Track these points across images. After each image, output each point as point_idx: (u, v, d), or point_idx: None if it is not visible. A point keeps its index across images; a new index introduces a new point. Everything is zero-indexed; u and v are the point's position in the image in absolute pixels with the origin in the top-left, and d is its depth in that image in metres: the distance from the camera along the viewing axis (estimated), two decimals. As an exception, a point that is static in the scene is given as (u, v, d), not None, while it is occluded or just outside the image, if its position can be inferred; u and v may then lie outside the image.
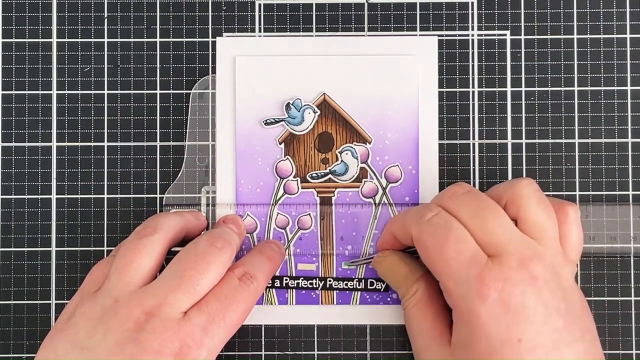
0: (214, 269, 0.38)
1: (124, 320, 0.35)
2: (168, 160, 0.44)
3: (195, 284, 0.37)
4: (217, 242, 0.39)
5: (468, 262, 0.35)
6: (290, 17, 0.44)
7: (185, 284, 0.37)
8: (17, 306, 0.44)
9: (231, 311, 0.37)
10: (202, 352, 0.36)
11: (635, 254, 0.43)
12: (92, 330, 0.36)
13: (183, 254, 0.38)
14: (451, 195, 0.37)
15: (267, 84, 0.44)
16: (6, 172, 0.44)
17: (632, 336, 0.43)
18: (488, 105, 0.44)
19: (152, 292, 0.37)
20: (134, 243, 0.38)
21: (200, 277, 0.37)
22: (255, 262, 0.40)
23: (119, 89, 0.44)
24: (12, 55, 0.44)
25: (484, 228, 0.36)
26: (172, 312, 0.36)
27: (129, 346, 0.35)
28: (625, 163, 0.44)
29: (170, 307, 0.36)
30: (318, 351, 0.43)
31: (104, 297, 0.37)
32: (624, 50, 0.44)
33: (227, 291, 0.38)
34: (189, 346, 0.36)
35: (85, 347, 0.35)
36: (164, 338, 0.35)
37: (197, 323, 0.36)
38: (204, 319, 0.36)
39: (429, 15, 0.44)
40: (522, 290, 0.34)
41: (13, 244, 0.44)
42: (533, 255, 0.35)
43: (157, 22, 0.45)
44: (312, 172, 0.43)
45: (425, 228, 0.37)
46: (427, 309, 0.39)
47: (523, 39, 0.44)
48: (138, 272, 0.37)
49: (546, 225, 0.36)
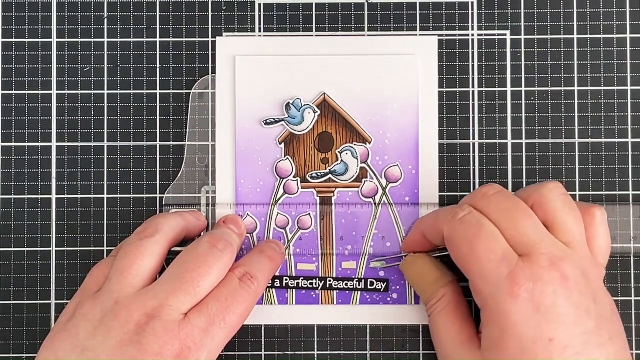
0: (214, 271, 0.38)
1: (124, 322, 0.35)
2: (168, 160, 0.44)
3: (195, 286, 0.37)
4: (218, 244, 0.39)
5: (499, 260, 0.35)
6: (290, 17, 0.44)
7: (185, 286, 0.37)
8: (17, 306, 0.44)
9: (231, 312, 0.37)
10: (203, 353, 0.36)
11: (635, 254, 0.43)
12: (92, 332, 0.36)
13: (184, 256, 0.38)
14: (482, 196, 0.37)
15: (267, 84, 0.44)
16: (6, 172, 0.44)
17: (632, 336, 0.43)
18: (488, 105, 0.44)
19: (152, 294, 0.37)
20: (135, 245, 0.38)
21: (201, 279, 0.37)
22: (256, 263, 0.40)
23: (119, 89, 0.44)
24: (12, 55, 0.44)
25: (515, 228, 0.36)
26: (172, 314, 0.36)
27: (129, 348, 0.35)
28: (625, 163, 0.44)
29: (170, 309, 0.36)
30: (318, 351, 0.43)
31: (104, 298, 0.37)
32: (624, 50, 0.44)
33: (227, 292, 0.38)
34: (189, 348, 0.36)
35: (85, 349, 0.35)
36: (164, 340, 0.35)
37: (198, 325, 0.36)
38: (204, 321, 0.36)
39: (429, 15, 0.44)
40: (554, 290, 0.34)
41: (13, 244, 0.44)
42: (564, 256, 0.35)
43: (157, 22, 0.45)
44: (312, 172, 0.43)
45: (457, 226, 0.37)
46: (454, 314, 0.39)
47: (523, 38, 0.44)
48: (139, 273, 0.37)
49: (573, 229, 0.36)
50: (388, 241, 0.43)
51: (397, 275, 0.43)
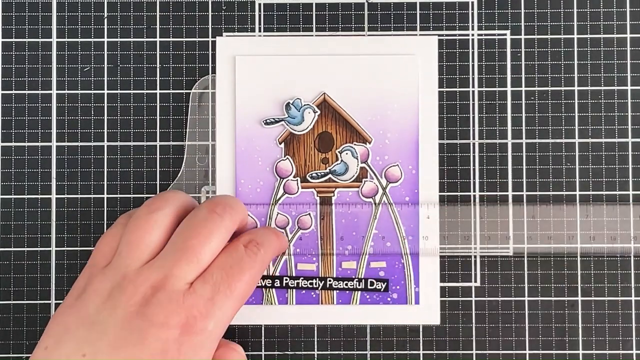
0: (215, 236, 0.37)
1: (131, 296, 0.35)
2: (168, 160, 0.44)
3: (198, 253, 0.36)
4: (217, 208, 0.38)
5: None
6: (290, 17, 0.44)
7: (188, 255, 0.36)
8: (17, 306, 0.44)
9: (237, 280, 0.37)
10: (210, 322, 0.36)
11: (635, 254, 0.43)
12: (101, 306, 0.36)
13: (184, 225, 0.38)
14: None
15: (267, 84, 0.44)
16: (6, 172, 0.44)
17: (632, 336, 0.43)
18: (488, 105, 0.44)
19: (157, 264, 0.36)
20: (145, 218, 0.38)
21: (203, 246, 0.37)
22: (262, 234, 0.40)
23: (119, 89, 0.44)
24: (12, 55, 0.44)
25: None
26: (177, 283, 0.36)
27: (136, 320, 0.35)
28: (625, 163, 0.44)
29: (175, 279, 0.36)
30: (318, 351, 0.43)
31: (113, 273, 0.37)
32: (624, 50, 0.44)
33: (232, 260, 0.37)
34: (195, 317, 0.35)
35: (94, 322, 0.35)
36: (169, 310, 0.35)
37: (202, 294, 0.36)
38: (209, 290, 0.36)
39: (429, 15, 0.44)
40: None
41: (13, 244, 0.44)
42: None
43: (157, 22, 0.45)
44: (312, 172, 0.43)
45: None
46: None
47: (523, 38, 0.44)
48: (148, 247, 0.37)
49: None
50: (388, 241, 0.43)
51: (397, 275, 0.43)
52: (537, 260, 0.43)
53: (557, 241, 0.43)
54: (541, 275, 0.43)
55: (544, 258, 0.44)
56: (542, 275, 0.43)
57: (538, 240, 0.43)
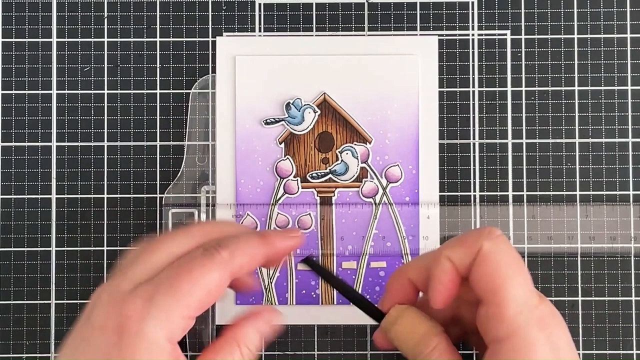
0: (175, 239, 0.35)
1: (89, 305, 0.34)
2: (168, 160, 0.44)
3: (151, 252, 0.34)
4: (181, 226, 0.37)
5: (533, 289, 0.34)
6: (290, 17, 0.44)
7: (141, 256, 0.34)
8: (17, 306, 0.44)
9: (183, 279, 0.33)
10: (148, 324, 0.32)
11: (635, 254, 0.43)
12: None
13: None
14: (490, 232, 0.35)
15: (267, 84, 0.44)
16: (6, 172, 0.44)
17: (632, 336, 0.43)
18: (488, 105, 0.44)
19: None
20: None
21: (158, 247, 0.34)
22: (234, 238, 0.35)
23: (119, 89, 0.44)
24: (12, 55, 0.44)
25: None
26: (123, 284, 0.33)
27: (84, 328, 0.33)
28: (625, 163, 0.44)
29: (125, 280, 0.33)
30: (318, 351, 0.43)
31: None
32: (624, 50, 0.44)
33: (182, 261, 0.34)
34: (129, 317, 0.32)
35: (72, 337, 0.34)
36: (107, 310, 0.33)
37: (141, 294, 0.32)
38: (150, 289, 0.33)
39: (429, 15, 0.44)
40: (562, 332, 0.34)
41: (13, 243, 0.44)
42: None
43: (157, 22, 0.45)
44: (312, 172, 0.43)
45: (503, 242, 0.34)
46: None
47: (523, 38, 0.44)
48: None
49: None
50: (388, 241, 0.43)
51: (397, 275, 0.43)
52: (537, 260, 0.43)
53: (557, 241, 0.43)
54: (541, 275, 0.43)
55: (544, 258, 0.44)
56: (542, 275, 0.43)
57: (538, 240, 0.43)
